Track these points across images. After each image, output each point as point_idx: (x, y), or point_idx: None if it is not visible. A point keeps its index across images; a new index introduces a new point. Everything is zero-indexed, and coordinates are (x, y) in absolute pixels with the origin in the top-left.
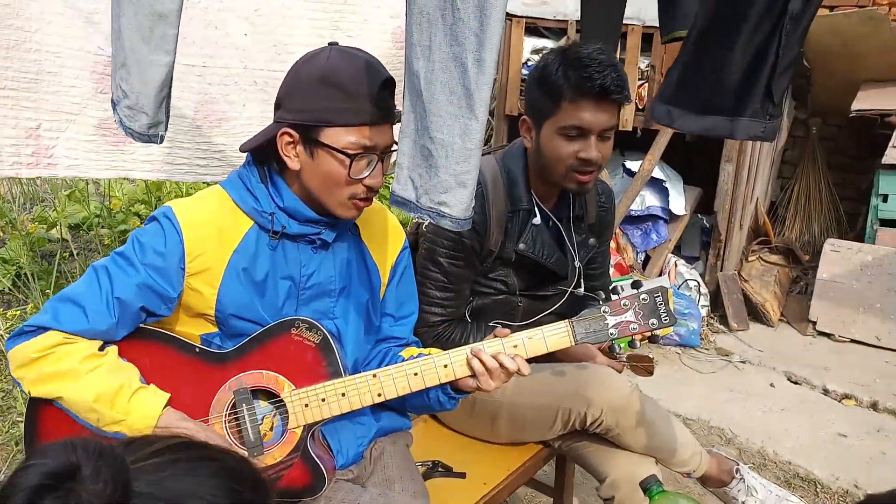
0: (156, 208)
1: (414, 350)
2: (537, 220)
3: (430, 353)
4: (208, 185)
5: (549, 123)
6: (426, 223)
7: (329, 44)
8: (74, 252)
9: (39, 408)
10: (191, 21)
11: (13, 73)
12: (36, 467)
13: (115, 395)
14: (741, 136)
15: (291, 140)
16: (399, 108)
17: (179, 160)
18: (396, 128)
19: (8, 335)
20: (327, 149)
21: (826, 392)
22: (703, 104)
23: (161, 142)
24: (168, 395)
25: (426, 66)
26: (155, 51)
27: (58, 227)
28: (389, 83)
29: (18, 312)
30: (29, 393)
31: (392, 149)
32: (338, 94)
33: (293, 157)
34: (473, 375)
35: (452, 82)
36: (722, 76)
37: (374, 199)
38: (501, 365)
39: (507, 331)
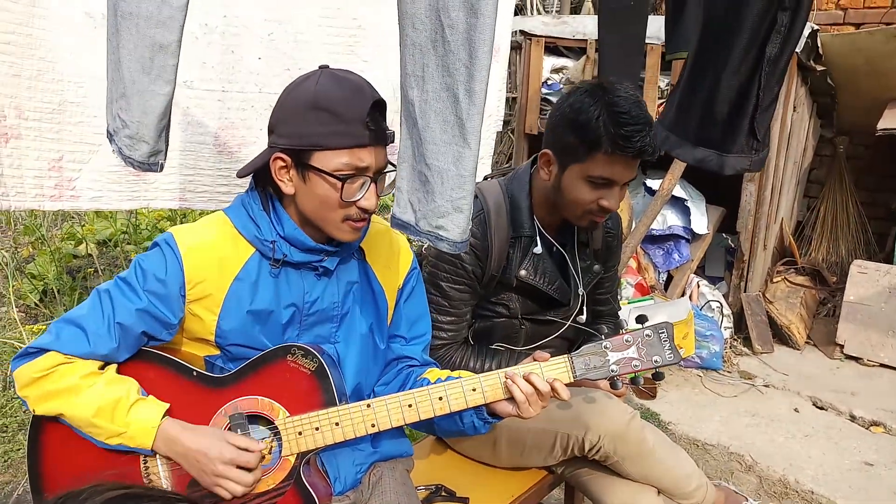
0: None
1: (437, 373)
2: (538, 248)
3: (446, 380)
4: None
5: (578, 168)
6: (426, 246)
7: (319, 67)
8: (100, 268)
9: (41, 426)
10: (209, 46)
11: (36, 104)
12: None
13: (115, 408)
14: (730, 171)
15: (284, 165)
16: (392, 129)
17: (201, 188)
18: (391, 148)
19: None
20: (318, 172)
21: (853, 418)
22: (695, 134)
23: (161, 170)
24: (167, 406)
25: (420, 95)
26: (155, 81)
27: (84, 244)
28: (379, 105)
29: (44, 327)
30: (34, 412)
31: (386, 170)
32: (327, 117)
33: (287, 181)
34: (510, 399)
35: (446, 112)
36: (712, 109)
37: (380, 219)
38: (535, 387)
39: (546, 354)
